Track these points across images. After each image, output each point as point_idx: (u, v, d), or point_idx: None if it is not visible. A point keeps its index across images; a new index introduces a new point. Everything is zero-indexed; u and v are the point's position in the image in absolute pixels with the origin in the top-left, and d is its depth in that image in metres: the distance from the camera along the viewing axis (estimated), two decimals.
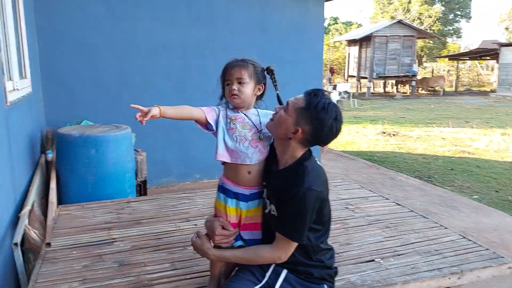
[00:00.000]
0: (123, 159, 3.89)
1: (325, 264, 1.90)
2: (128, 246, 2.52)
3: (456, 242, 2.70)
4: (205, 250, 1.90)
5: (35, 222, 2.98)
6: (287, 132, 1.74)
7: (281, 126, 1.76)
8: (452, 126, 12.33)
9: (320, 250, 1.88)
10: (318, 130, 1.71)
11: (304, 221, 1.72)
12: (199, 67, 5.62)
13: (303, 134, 1.73)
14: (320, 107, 1.68)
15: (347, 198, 3.49)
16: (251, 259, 1.84)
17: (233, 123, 1.87)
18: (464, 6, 37.49)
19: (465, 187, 6.25)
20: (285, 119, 1.74)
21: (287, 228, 1.75)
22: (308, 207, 1.70)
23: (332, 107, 1.71)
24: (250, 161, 1.86)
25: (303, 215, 1.71)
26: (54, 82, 4.93)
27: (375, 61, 22.66)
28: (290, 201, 1.72)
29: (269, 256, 1.80)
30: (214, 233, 1.91)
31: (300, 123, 1.71)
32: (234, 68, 1.85)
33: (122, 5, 5.10)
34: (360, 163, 7.53)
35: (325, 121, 1.69)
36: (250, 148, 1.85)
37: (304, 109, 1.71)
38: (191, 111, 1.88)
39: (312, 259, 1.86)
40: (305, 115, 1.70)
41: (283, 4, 6.05)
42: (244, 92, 1.84)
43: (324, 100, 1.70)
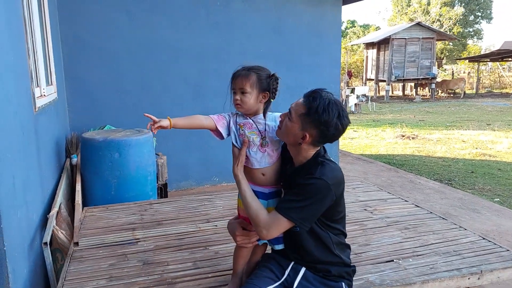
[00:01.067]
0: (145, 162, 3.99)
1: (343, 261, 1.93)
2: (152, 246, 2.60)
3: (476, 243, 2.70)
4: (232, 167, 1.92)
5: (62, 223, 3.09)
6: (296, 138, 1.79)
7: (289, 134, 1.80)
8: (472, 128, 12.16)
9: (340, 243, 1.92)
10: (324, 131, 1.74)
11: (306, 205, 1.73)
12: (217, 72, 5.71)
13: (312, 138, 1.77)
14: (320, 109, 1.70)
15: (366, 200, 3.51)
16: (251, 208, 1.82)
17: (241, 129, 1.94)
18: (485, 7, 36.87)
19: (486, 189, 6.17)
20: (291, 127, 1.78)
21: (285, 205, 1.77)
22: (312, 193, 1.72)
23: (333, 105, 1.72)
24: (259, 165, 1.93)
25: (307, 199, 1.72)
26: (77, 88, 5.08)
27: (393, 63, 22.47)
28: (299, 185, 1.76)
29: (262, 221, 1.78)
30: (236, 234, 1.98)
31: (306, 128, 1.75)
32: (237, 78, 1.91)
33: (142, 13, 5.23)
34: (379, 166, 7.50)
35: (329, 122, 1.71)
36: (259, 152, 1.92)
37: (306, 114, 1.74)
38: (202, 121, 1.96)
39: (334, 253, 1.88)
40: (309, 120, 1.74)
41: (300, 8, 6.10)
42: (247, 102, 1.89)
43: (324, 101, 1.71)
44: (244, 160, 1.92)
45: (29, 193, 2.55)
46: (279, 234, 1.85)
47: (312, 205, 1.74)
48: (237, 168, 1.91)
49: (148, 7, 5.25)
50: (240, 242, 1.98)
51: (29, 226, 2.51)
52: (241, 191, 1.88)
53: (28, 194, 2.54)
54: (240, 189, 1.89)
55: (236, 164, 1.91)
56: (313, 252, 1.87)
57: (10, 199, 2.08)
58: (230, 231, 2.06)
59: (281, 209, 1.77)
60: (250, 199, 1.85)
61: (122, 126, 5.02)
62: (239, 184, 1.90)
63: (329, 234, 1.87)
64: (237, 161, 1.92)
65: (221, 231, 2.77)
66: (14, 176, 2.19)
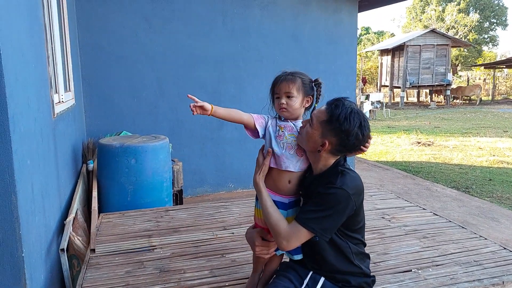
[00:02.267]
0: (161, 168, 4.00)
1: (363, 271, 1.90)
2: (168, 253, 2.60)
3: (497, 253, 2.64)
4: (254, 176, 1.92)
5: (78, 229, 3.11)
6: (316, 145, 1.78)
7: (309, 140, 1.79)
8: (489, 135, 11.97)
9: (360, 253, 1.89)
10: (344, 140, 1.73)
11: (326, 216, 1.70)
12: (234, 78, 5.73)
13: (331, 146, 1.76)
14: (342, 118, 1.69)
15: (383, 208, 3.46)
16: (271, 219, 1.80)
17: (281, 131, 1.92)
18: (500, 14, 36.50)
19: (505, 198, 6.05)
20: (312, 134, 1.77)
21: (305, 215, 1.75)
22: (332, 203, 1.70)
23: (355, 115, 1.71)
24: (294, 168, 1.90)
25: (327, 209, 1.70)
26: (94, 94, 5.13)
27: (408, 70, 22.33)
28: (318, 194, 1.74)
29: (282, 232, 1.76)
30: (255, 244, 1.96)
31: (326, 136, 1.74)
32: (282, 82, 1.90)
33: (160, 20, 5.28)
34: (395, 173, 7.42)
35: (349, 131, 1.70)
36: (296, 156, 1.90)
37: (327, 122, 1.73)
38: (241, 115, 1.94)
39: (353, 263, 1.85)
40: (330, 127, 1.73)
41: (317, 16, 6.10)
42: (292, 105, 1.89)
43: (346, 110, 1.70)
44: (267, 170, 1.91)
45: (47, 199, 2.57)
46: (299, 244, 1.83)
47: (333, 215, 1.71)
48: (259, 177, 1.90)
49: (166, 14, 5.30)
50: (259, 253, 1.96)
51: (46, 232, 2.52)
52: (262, 200, 1.86)
53: (46, 200, 2.55)
54: (261, 198, 1.88)
55: (258, 173, 1.91)
56: (332, 262, 1.85)
57: (29, 205, 2.09)
58: (249, 240, 2.04)
59: (301, 220, 1.74)
60: (270, 209, 1.83)
61: (138, 132, 5.06)
62: (259, 193, 1.88)
63: (348, 244, 1.84)
64: (260, 169, 1.90)
65: (238, 239, 2.76)
66: (33, 182, 2.21)
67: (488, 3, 36.06)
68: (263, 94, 6.82)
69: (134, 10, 5.15)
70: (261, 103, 6.88)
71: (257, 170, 1.92)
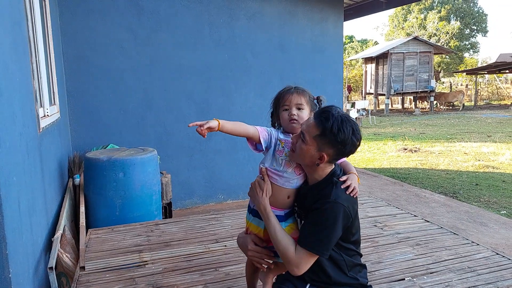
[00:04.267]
0: (150, 181, 3.94)
1: (359, 282, 1.88)
2: (160, 269, 2.54)
3: (490, 258, 2.66)
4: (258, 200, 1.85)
5: (66, 246, 3.03)
6: (313, 160, 1.76)
7: (305, 156, 1.76)
8: (474, 140, 12.15)
9: (354, 265, 1.87)
10: (341, 149, 1.72)
11: (327, 234, 1.70)
12: (222, 88, 5.71)
13: (329, 157, 1.74)
14: (335, 129, 1.67)
15: (375, 215, 3.46)
16: (280, 245, 1.77)
17: (282, 146, 1.89)
18: (480, 21, 37.31)
19: (492, 202, 6.11)
20: (307, 149, 1.74)
21: (308, 239, 1.73)
22: (331, 219, 1.69)
23: (346, 123, 1.69)
24: (291, 185, 1.87)
25: (327, 228, 1.69)
26: (80, 107, 5.06)
27: (392, 77, 22.63)
28: (315, 212, 1.72)
29: (290, 259, 1.74)
30: (248, 249, 1.93)
31: (323, 149, 1.72)
32: (293, 94, 1.89)
33: (145, 32, 5.24)
34: (383, 180, 7.45)
35: (345, 140, 1.69)
36: (294, 174, 1.86)
37: (321, 135, 1.71)
38: (247, 128, 1.90)
39: (347, 275, 1.84)
40: (325, 140, 1.71)
41: (303, 25, 6.14)
42: (303, 117, 1.87)
43: (337, 120, 1.69)
44: (270, 189, 1.86)
45: (34, 216, 2.50)
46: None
47: (332, 232, 1.71)
48: (266, 200, 1.84)
49: (152, 25, 5.26)
50: (251, 257, 1.95)
51: (34, 251, 2.45)
52: (271, 226, 1.81)
53: (33, 217, 2.49)
54: (269, 224, 1.82)
55: (263, 195, 1.84)
56: (328, 274, 1.83)
57: (16, 223, 2.03)
58: (241, 244, 2.01)
59: (307, 245, 1.73)
60: (280, 236, 1.79)
61: (125, 145, 4.99)
62: (267, 218, 1.83)
63: (342, 256, 1.83)
64: (263, 192, 1.85)
65: (231, 252, 2.72)
66: (19, 200, 2.14)
67: (468, 10, 36.85)
68: (251, 103, 6.83)
69: (120, 21, 5.11)
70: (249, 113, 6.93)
71: (259, 192, 1.85)
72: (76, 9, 4.90)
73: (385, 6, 6.97)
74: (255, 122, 2.00)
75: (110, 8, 5.05)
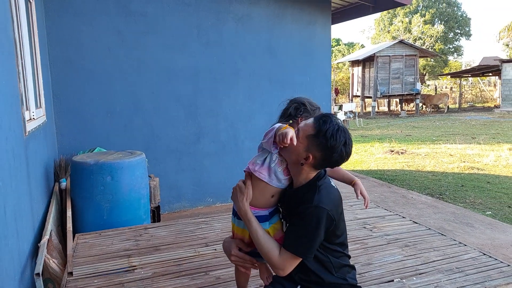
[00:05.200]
0: (138, 185, 3.90)
1: (348, 282, 1.90)
2: (149, 273, 2.52)
3: (477, 259, 2.69)
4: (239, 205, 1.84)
5: (53, 252, 2.98)
6: (299, 158, 1.77)
7: (293, 152, 1.78)
8: (459, 142, 12.31)
9: (341, 265, 1.89)
10: (328, 156, 1.74)
11: (310, 238, 1.72)
12: (210, 91, 5.69)
13: (314, 160, 1.76)
14: (329, 134, 1.70)
15: (364, 217, 3.48)
16: (263, 249, 1.78)
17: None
18: (463, 25, 37.94)
19: (477, 203, 6.20)
20: (297, 146, 1.75)
21: (292, 242, 1.76)
22: (313, 223, 1.71)
23: (341, 132, 1.72)
24: (277, 184, 1.86)
25: (308, 231, 1.72)
26: (66, 110, 4.99)
27: (378, 80, 22.85)
28: (298, 216, 1.75)
29: (275, 261, 1.76)
30: (231, 254, 1.94)
31: (311, 149, 1.74)
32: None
33: (133, 34, 5.20)
34: (371, 182, 7.51)
35: (334, 147, 1.71)
36: (282, 174, 1.86)
37: (314, 136, 1.73)
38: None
39: (334, 275, 1.86)
40: (316, 142, 1.73)
41: (291, 29, 6.16)
42: None
43: (333, 127, 1.72)
44: (251, 193, 1.85)
45: (20, 222, 2.46)
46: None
47: (316, 236, 1.73)
48: (246, 204, 1.83)
49: (140, 28, 5.23)
50: (234, 261, 1.95)
51: (20, 256, 2.41)
52: (253, 230, 1.81)
53: (19, 223, 2.44)
54: (251, 227, 1.82)
55: (243, 199, 1.83)
56: (318, 274, 1.85)
57: (1, 229, 1.99)
58: (225, 249, 2.01)
59: (290, 247, 1.76)
60: (262, 240, 1.80)
61: (113, 148, 4.94)
62: (249, 222, 1.82)
63: (328, 257, 1.85)
64: (244, 195, 1.83)
65: (221, 255, 2.70)
66: (5, 205, 2.11)
67: (452, 14, 37.44)
68: (240, 106, 6.82)
69: (107, 24, 5.07)
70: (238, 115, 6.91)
71: (240, 197, 1.84)
72: (63, 12, 4.85)
73: (372, 10, 7.03)
74: (244, 124, 2.01)
75: (97, 10, 5.01)
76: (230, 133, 5.84)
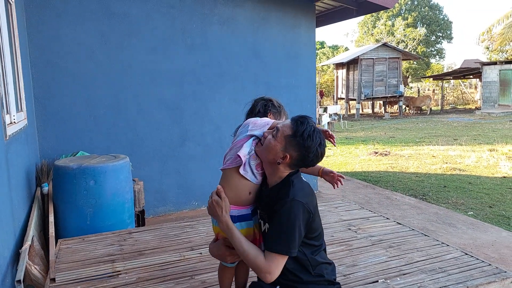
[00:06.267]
0: (122, 189, 3.86)
1: (325, 279, 1.92)
2: (134, 278, 2.49)
3: (459, 259, 2.73)
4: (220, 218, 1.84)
5: (35, 258, 2.93)
6: (276, 157, 1.81)
7: (270, 151, 1.81)
8: (441, 144, 12.50)
9: (318, 263, 1.91)
10: (304, 156, 1.79)
11: (291, 232, 1.74)
12: (195, 94, 5.66)
13: (291, 159, 1.80)
14: (306, 135, 1.76)
15: (349, 219, 3.51)
16: (249, 256, 1.78)
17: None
18: (445, 28, 38.61)
19: (460, 203, 6.29)
20: (274, 145, 1.80)
21: (274, 242, 1.77)
22: (292, 217, 1.74)
23: (317, 133, 1.79)
24: (250, 178, 1.89)
25: (289, 226, 1.74)
26: (48, 113, 4.92)
27: (362, 83, 23.08)
28: (276, 213, 1.77)
29: (262, 266, 1.75)
30: (225, 254, 1.93)
31: (288, 149, 1.79)
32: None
33: (117, 36, 5.15)
34: (355, 183, 7.56)
35: (310, 148, 1.77)
36: (255, 168, 1.90)
37: (291, 136, 1.78)
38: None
39: (311, 274, 1.88)
40: (293, 142, 1.78)
41: (276, 31, 6.18)
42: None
43: (310, 128, 1.78)
44: (229, 205, 1.85)
45: (0, 227, 2.41)
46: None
47: (296, 230, 1.76)
48: (226, 215, 1.83)
49: (123, 30, 5.18)
50: (233, 260, 1.97)
51: (0, 263, 2.36)
52: (235, 239, 1.81)
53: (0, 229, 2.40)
54: (233, 237, 1.81)
55: (223, 211, 1.83)
56: (295, 274, 1.87)
57: None
58: (216, 254, 2.00)
59: (273, 248, 1.77)
60: (245, 246, 1.80)
61: (96, 152, 4.88)
62: (231, 232, 1.82)
63: (306, 255, 1.86)
64: (222, 208, 1.83)
65: (207, 259, 2.69)
66: None
67: (434, 17, 38.07)
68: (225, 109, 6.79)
69: (89, 25, 5.01)
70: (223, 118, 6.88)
71: (218, 211, 1.83)
72: (44, 13, 4.78)
73: (356, 13, 7.09)
74: (229, 127, 2.02)
75: (79, 12, 4.95)
76: (215, 136, 5.83)
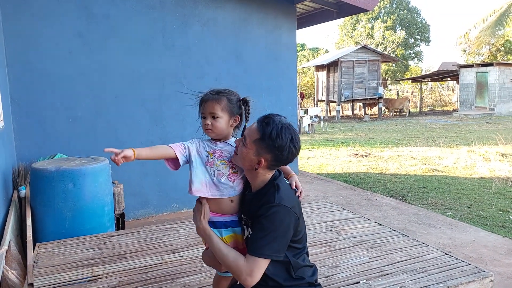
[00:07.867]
0: (102, 192, 3.80)
1: (306, 281, 1.90)
2: (114, 283, 2.45)
3: (439, 259, 2.77)
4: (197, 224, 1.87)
5: (12, 262, 2.86)
6: (252, 164, 1.79)
7: (245, 159, 1.80)
8: (420, 145, 12.70)
9: (300, 266, 1.89)
10: (278, 155, 1.76)
11: (275, 236, 1.72)
12: (176, 95, 5.60)
13: (267, 162, 1.78)
14: (274, 135, 1.73)
15: (330, 220, 3.52)
16: (228, 259, 1.77)
17: (211, 157, 1.87)
18: (423, 31, 39.34)
19: (438, 204, 6.40)
20: (247, 153, 1.78)
21: (257, 245, 1.73)
22: (278, 222, 1.72)
23: (285, 130, 1.75)
24: (229, 193, 1.87)
25: (273, 230, 1.72)
26: (25, 115, 4.81)
27: (342, 85, 23.30)
28: (261, 218, 1.74)
29: (242, 270, 1.72)
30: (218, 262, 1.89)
31: (261, 153, 1.76)
32: (207, 102, 1.86)
33: (96, 37, 5.07)
34: (336, 185, 7.61)
35: (282, 146, 1.73)
36: (228, 182, 1.87)
37: (260, 140, 1.75)
38: (165, 150, 1.85)
39: (293, 277, 1.85)
40: (263, 145, 1.75)
41: (257, 33, 6.18)
42: (217, 126, 1.85)
43: (277, 127, 1.74)
44: (208, 212, 1.86)
45: None
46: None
47: (280, 235, 1.73)
48: (204, 222, 1.84)
49: (102, 30, 5.10)
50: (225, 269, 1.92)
51: None
52: (214, 245, 1.81)
53: None
54: (212, 242, 1.82)
55: (201, 217, 1.84)
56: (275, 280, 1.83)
57: None
58: (208, 262, 1.99)
59: (255, 251, 1.73)
60: (224, 250, 1.79)
61: (75, 154, 4.79)
62: (209, 238, 1.83)
63: (288, 258, 1.84)
64: (201, 214, 1.84)
65: (188, 262, 2.67)
66: None
67: (412, 20, 38.75)
68: None
69: (68, 26, 4.92)
70: None
71: (197, 216, 1.86)
72: (20, 12, 4.67)
73: (336, 16, 7.17)
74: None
75: (56, 12, 4.85)
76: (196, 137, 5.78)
